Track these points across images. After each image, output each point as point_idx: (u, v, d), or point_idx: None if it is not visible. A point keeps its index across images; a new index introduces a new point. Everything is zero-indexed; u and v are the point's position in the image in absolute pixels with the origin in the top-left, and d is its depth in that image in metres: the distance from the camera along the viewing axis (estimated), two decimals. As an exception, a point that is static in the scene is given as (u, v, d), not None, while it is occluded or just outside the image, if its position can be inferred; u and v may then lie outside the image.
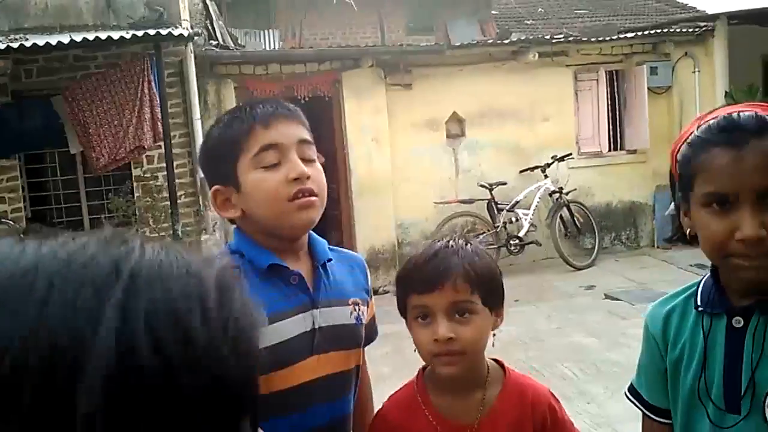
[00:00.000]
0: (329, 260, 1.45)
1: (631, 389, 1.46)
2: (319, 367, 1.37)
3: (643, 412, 1.43)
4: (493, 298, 1.35)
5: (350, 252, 1.61)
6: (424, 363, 1.48)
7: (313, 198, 1.35)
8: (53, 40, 6.33)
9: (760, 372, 1.17)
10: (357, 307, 1.46)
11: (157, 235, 7.03)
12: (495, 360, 1.45)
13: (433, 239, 1.42)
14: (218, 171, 1.38)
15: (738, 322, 1.21)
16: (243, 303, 0.51)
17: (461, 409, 1.37)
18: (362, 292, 1.50)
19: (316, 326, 1.37)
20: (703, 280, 1.29)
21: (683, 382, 1.29)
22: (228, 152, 1.35)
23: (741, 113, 1.17)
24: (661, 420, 1.37)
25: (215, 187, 1.38)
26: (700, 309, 1.27)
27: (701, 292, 1.28)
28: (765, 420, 1.16)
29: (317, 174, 1.38)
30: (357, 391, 1.51)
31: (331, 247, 1.51)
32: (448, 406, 1.37)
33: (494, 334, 1.40)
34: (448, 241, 1.36)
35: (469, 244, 1.37)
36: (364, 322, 1.47)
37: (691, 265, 7.91)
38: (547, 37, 9.06)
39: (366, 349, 1.62)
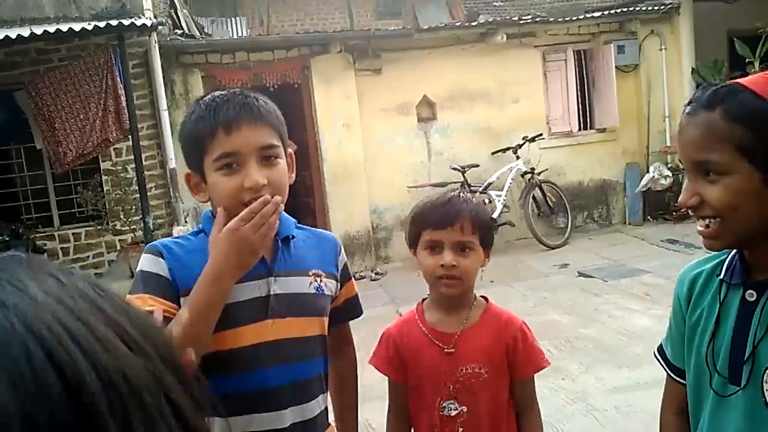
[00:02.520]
0: (292, 237, 1.55)
1: (660, 348, 1.49)
2: (274, 331, 1.47)
3: (666, 371, 1.46)
4: (487, 241, 1.72)
5: (324, 231, 1.73)
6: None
7: None
8: (13, 34, 6.20)
9: (762, 347, 1.19)
10: (318, 278, 1.56)
11: (128, 228, 6.97)
12: (482, 296, 1.80)
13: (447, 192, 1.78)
14: (190, 160, 1.48)
15: (751, 295, 1.23)
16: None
17: (448, 322, 1.72)
18: (329, 266, 1.61)
19: (271, 293, 1.47)
20: (735, 250, 1.31)
21: (697, 347, 1.32)
22: (195, 148, 1.44)
23: (711, 85, 1.21)
24: (681, 381, 1.41)
25: (188, 171, 1.50)
26: (720, 277, 1.30)
27: (728, 262, 1.30)
28: (762, 393, 1.18)
29: (276, 175, 1.43)
30: (330, 362, 1.62)
31: (303, 226, 1.64)
32: (438, 321, 1.73)
33: (482, 270, 1.76)
34: (459, 193, 1.74)
35: (474, 199, 1.76)
36: (326, 293, 1.57)
37: (662, 241, 8.03)
38: (515, 18, 9.06)
39: None
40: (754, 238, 1.18)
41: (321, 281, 1.55)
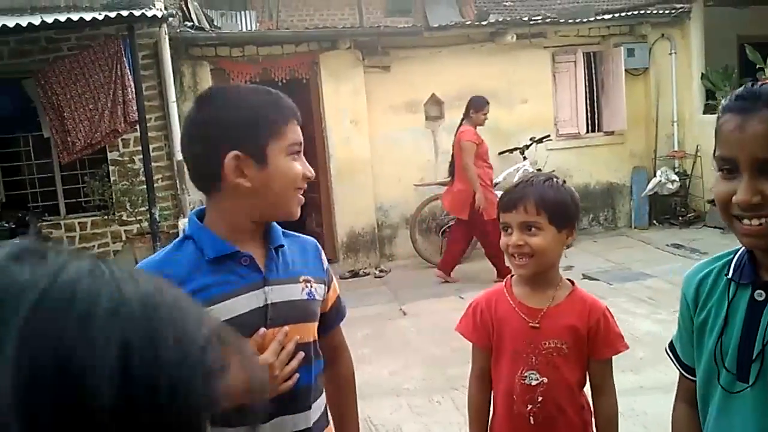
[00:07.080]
0: (281, 246, 1.56)
1: (671, 345, 1.51)
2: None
3: (677, 368, 1.49)
4: (559, 220, 1.81)
5: (303, 236, 1.70)
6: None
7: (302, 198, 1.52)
8: (24, 22, 6.19)
9: None
10: (308, 284, 1.57)
11: (134, 219, 6.97)
12: (569, 279, 1.93)
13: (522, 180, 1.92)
14: (243, 140, 1.43)
15: (760, 295, 1.24)
16: (179, 353, 0.44)
17: (535, 298, 1.85)
18: (317, 271, 1.63)
19: (269, 302, 1.49)
20: (741, 249, 1.32)
21: (706, 345, 1.33)
22: (262, 130, 1.44)
23: (754, 84, 1.20)
24: (690, 377, 1.43)
25: (236, 152, 1.42)
26: (728, 277, 1.31)
27: (735, 262, 1.32)
28: None
29: None
30: (325, 368, 1.62)
31: (286, 231, 1.64)
32: (525, 295, 1.87)
33: (567, 247, 1.88)
34: (530, 178, 1.87)
35: (548, 180, 1.86)
36: (317, 297, 1.59)
37: (667, 245, 8.01)
38: (525, 18, 9.03)
39: (346, 331, 1.72)
40: None
41: (311, 287, 1.57)
